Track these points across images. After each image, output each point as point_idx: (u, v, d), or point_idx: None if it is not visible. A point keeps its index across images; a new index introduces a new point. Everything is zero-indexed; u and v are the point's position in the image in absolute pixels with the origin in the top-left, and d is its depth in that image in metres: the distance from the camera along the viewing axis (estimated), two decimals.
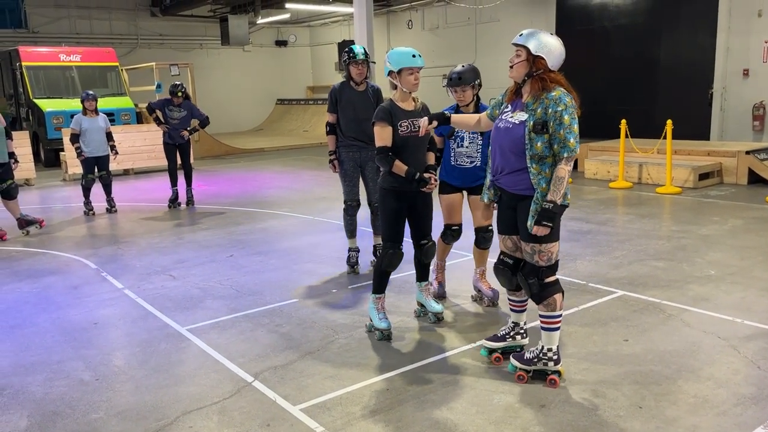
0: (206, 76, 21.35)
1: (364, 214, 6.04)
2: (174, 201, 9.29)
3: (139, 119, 14.92)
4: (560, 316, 3.42)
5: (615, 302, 4.71)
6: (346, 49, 5.39)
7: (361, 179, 5.66)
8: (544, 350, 3.46)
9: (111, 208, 9.04)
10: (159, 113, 8.95)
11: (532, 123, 3.28)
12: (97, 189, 9.14)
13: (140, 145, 13.09)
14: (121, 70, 15.83)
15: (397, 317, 4.54)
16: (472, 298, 4.90)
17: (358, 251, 5.78)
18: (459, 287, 5.09)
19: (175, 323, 4.62)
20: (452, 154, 4.55)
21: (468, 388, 3.48)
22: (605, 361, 3.75)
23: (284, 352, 4.04)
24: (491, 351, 3.82)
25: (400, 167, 4.01)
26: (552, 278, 3.41)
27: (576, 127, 3.26)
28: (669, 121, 9.20)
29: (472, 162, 4.55)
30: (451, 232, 4.67)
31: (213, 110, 19.85)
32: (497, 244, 3.75)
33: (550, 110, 3.24)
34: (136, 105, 15.14)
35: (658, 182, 9.52)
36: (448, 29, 19.26)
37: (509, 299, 3.74)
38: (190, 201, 9.38)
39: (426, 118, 3.81)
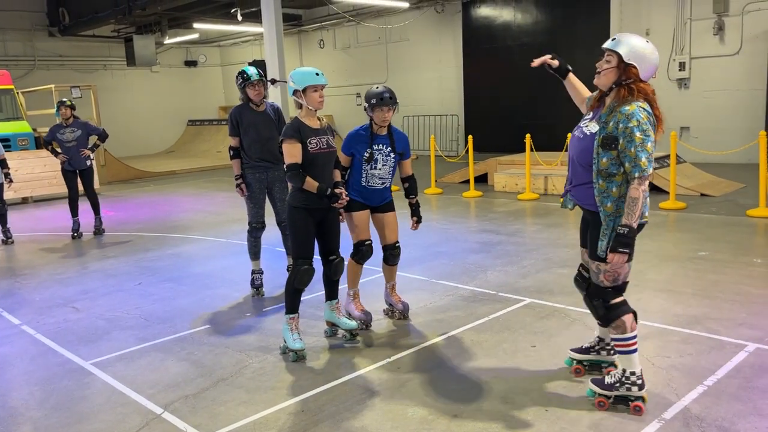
0: (112, 98, 20.59)
1: (275, 235, 6.00)
2: (76, 231, 8.68)
3: (38, 144, 14.16)
4: (634, 338, 3.22)
5: (523, 310, 4.89)
6: (239, 72, 5.38)
7: (268, 200, 5.62)
8: (626, 374, 3.24)
9: (7, 240, 8.52)
10: (55, 144, 8.48)
11: (601, 137, 3.09)
12: None
13: (40, 171, 12.44)
14: (17, 93, 15.00)
15: (312, 337, 4.52)
16: (384, 312, 4.95)
17: (262, 273, 5.72)
18: (370, 304, 5.12)
19: (78, 358, 4.39)
20: (364, 176, 4.55)
21: (382, 403, 3.50)
22: (514, 367, 3.88)
23: (196, 380, 3.93)
24: (575, 362, 3.68)
25: (311, 184, 4.03)
26: (618, 300, 3.22)
27: (650, 145, 3.01)
28: (569, 135, 9.66)
29: (383, 183, 4.62)
30: (365, 248, 4.66)
31: (120, 133, 19.26)
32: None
33: (620, 125, 3.03)
34: (34, 129, 14.37)
35: (562, 192, 9.97)
36: (359, 48, 19.52)
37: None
38: (99, 230, 8.80)
39: (548, 56, 3.62)
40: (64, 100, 8.53)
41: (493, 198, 10.31)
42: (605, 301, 3.21)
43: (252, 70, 5.36)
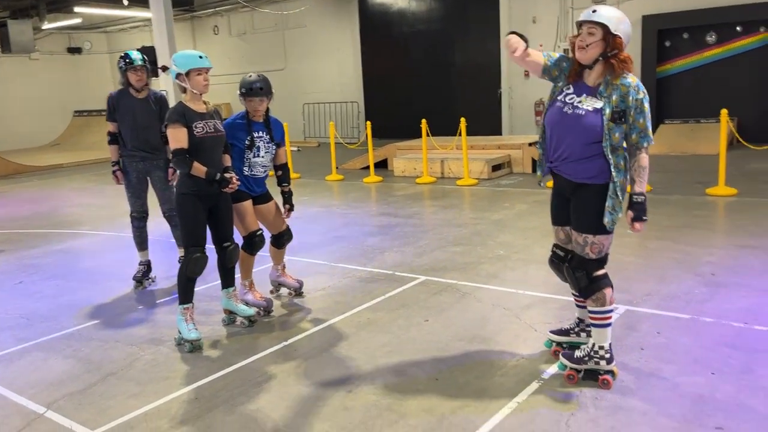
0: None
1: (167, 226, 5.83)
2: None
3: None
4: (611, 311, 3.24)
5: (418, 287, 5.04)
6: (122, 55, 5.21)
7: (152, 189, 5.48)
8: (596, 348, 3.26)
9: None
10: None
11: (609, 112, 3.02)
12: None
13: None
14: None
15: (208, 326, 4.45)
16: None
17: (148, 265, 5.60)
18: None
19: None
20: (247, 164, 4.50)
21: (278, 385, 3.52)
22: (408, 341, 4.01)
23: (83, 377, 3.78)
24: (555, 343, 3.64)
25: (199, 169, 3.96)
26: (601, 272, 3.22)
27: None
28: (463, 119, 9.99)
29: (265, 171, 4.63)
30: (258, 239, 4.62)
31: None
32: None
33: (630, 98, 3.00)
34: None
35: (458, 175, 10.31)
36: (255, 35, 19.13)
37: (572, 294, 3.57)
38: None
39: (521, 42, 3.12)
40: None
41: (392, 183, 10.48)
42: (588, 273, 3.21)
43: (136, 55, 5.21)
